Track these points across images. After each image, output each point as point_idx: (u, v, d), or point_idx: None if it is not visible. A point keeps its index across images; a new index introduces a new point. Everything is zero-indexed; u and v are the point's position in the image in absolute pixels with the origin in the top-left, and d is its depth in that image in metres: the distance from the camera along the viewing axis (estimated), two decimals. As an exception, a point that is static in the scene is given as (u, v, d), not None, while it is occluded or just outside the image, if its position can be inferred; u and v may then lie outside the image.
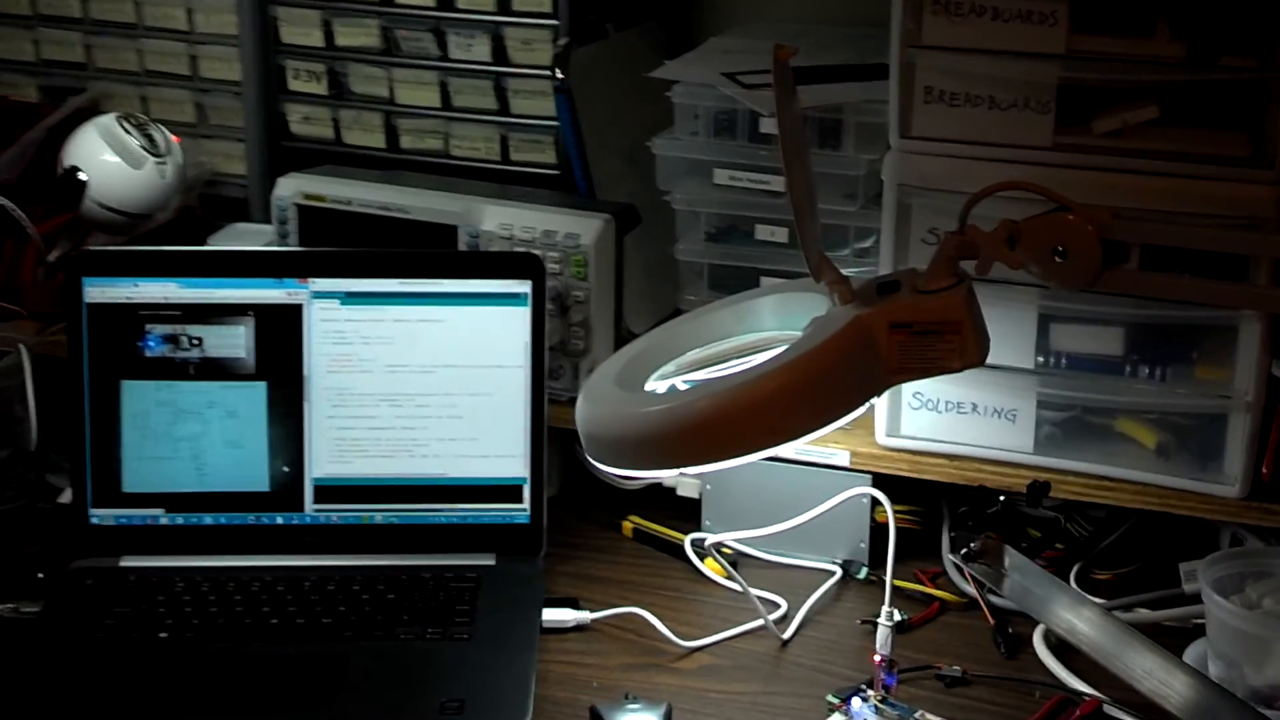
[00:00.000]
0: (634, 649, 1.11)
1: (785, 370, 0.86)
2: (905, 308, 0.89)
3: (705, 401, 0.85)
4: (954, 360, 0.89)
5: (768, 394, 0.85)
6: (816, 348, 0.86)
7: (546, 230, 1.15)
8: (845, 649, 1.12)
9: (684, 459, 0.87)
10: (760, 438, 0.87)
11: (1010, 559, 0.82)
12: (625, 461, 0.90)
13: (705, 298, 1.24)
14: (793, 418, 0.87)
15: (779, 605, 1.18)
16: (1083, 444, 1.11)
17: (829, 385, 0.87)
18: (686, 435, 0.86)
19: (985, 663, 1.10)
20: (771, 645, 1.13)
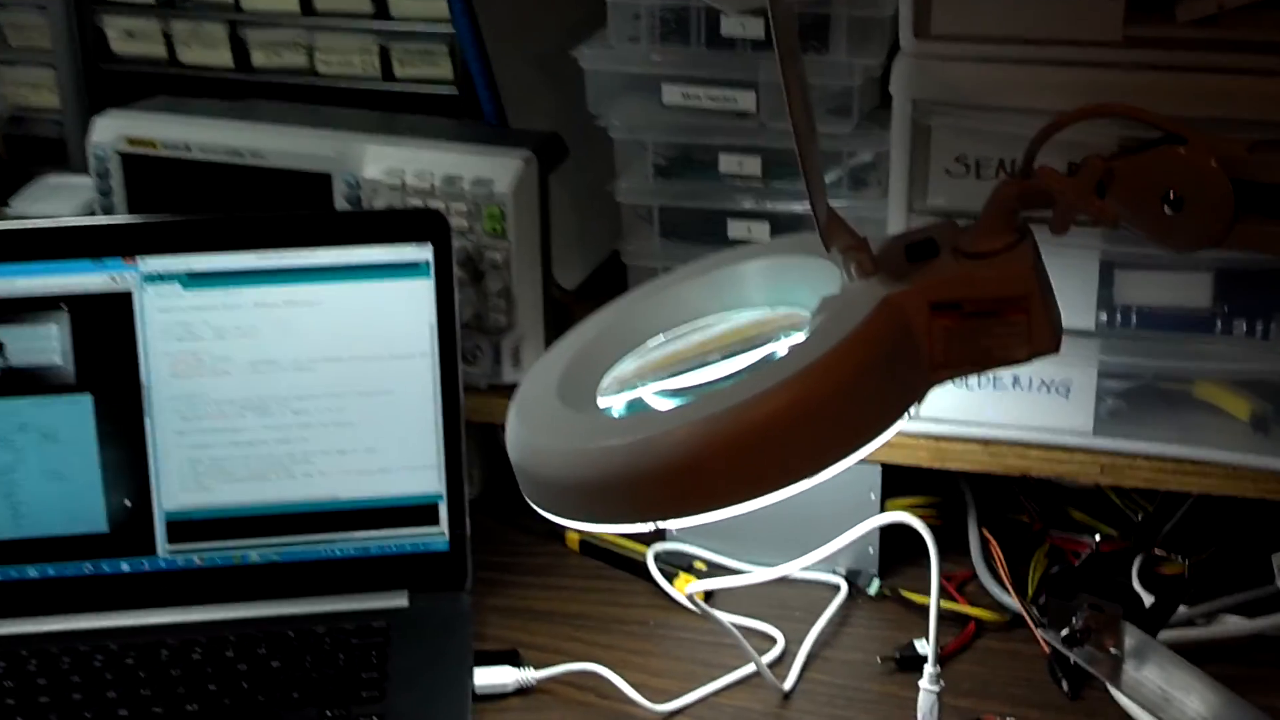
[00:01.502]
0: (595, 717, 0.91)
1: (798, 382, 0.64)
2: (951, 281, 0.68)
3: (689, 431, 0.63)
4: (1019, 348, 0.68)
5: (776, 417, 0.64)
6: (837, 347, 0.64)
7: (448, 175, 0.95)
8: (864, 698, 0.93)
9: (662, 510, 0.66)
10: (767, 478, 0.66)
11: (1131, 639, 0.61)
12: (579, 512, 0.68)
13: (656, 250, 1.01)
14: (810, 447, 0.66)
15: (774, 640, 0.97)
16: (1156, 419, 0.93)
17: (857, 398, 0.65)
18: (667, 480, 0.64)
19: (1045, 707, 0.92)
20: (770, 698, 0.93)
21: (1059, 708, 0.94)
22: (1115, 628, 0.65)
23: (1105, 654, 0.66)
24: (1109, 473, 0.98)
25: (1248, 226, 0.66)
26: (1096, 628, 0.66)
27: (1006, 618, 1.03)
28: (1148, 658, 0.64)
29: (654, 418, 0.71)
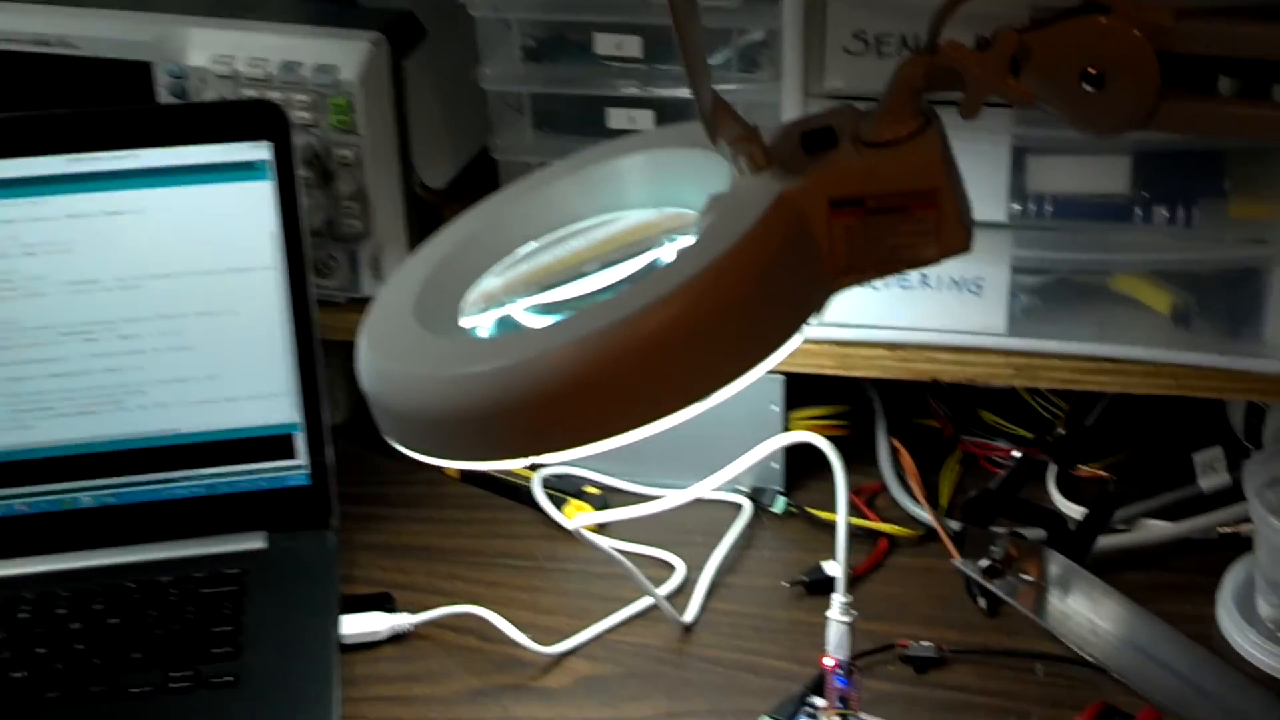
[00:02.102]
0: (479, 663, 0.88)
1: (686, 292, 0.60)
2: (851, 174, 0.64)
3: (567, 352, 0.59)
4: (928, 248, 0.65)
5: (664, 333, 0.60)
6: (729, 251, 0.60)
7: (286, 62, 0.91)
8: (771, 626, 0.91)
9: (541, 443, 0.62)
10: (657, 401, 0.61)
11: (1055, 567, 0.58)
12: (445, 448, 0.64)
13: (529, 143, 0.96)
14: (703, 365, 0.62)
15: (673, 568, 0.94)
16: (1072, 316, 0.91)
17: (752, 308, 0.62)
18: (543, 409, 0.60)
19: (962, 626, 0.90)
20: (670, 632, 0.90)
21: (977, 627, 0.92)
22: (1038, 556, 0.62)
23: (1028, 584, 0.63)
24: (1024, 374, 0.95)
25: (1175, 105, 0.62)
26: (1018, 556, 0.63)
27: (919, 532, 1.00)
28: (1072, 586, 0.62)
29: (526, 338, 0.66)
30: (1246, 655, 0.88)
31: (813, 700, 0.82)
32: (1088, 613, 0.60)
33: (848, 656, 0.79)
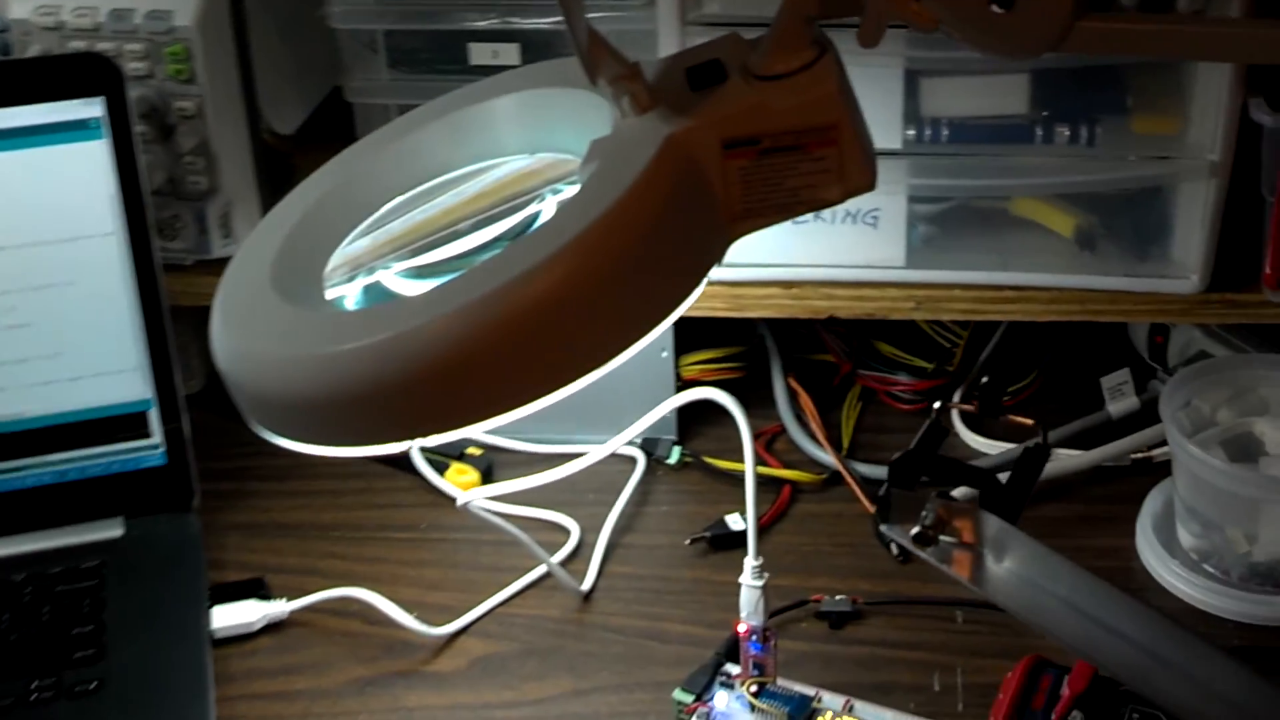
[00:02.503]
0: (365, 649, 0.83)
1: (574, 250, 0.56)
2: (743, 112, 0.60)
3: (446, 322, 0.55)
4: (830, 187, 0.62)
5: (552, 296, 0.56)
6: (617, 203, 0.56)
7: (116, 9, 0.86)
8: (676, 589, 0.88)
9: (423, 424, 0.58)
10: (548, 372, 0.58)
11: (990, 528, 0.55)
12: (315, 433, 0.60)
13: (385, 83, 0.90)
14: (597, 329, 0.58)
15: (567, 532, 0.90)
16: (973, 244, 0.89)
17: (646, 264, 0.58)
18: (424, 387, 0.56)
19: (875, 575, 0.88)
20: (569, 602, 0.86)
21: (890, 574, 0.90)
22: (970, 519, 0.59)
23: (962, 549, 0.60)
24: (925, 306, 0.93)
25: (1091, 25, 0.59)
26: (949, 519, 0.60)
27: (823, 476, 0.98)
28: (1010, 549, 0.59)
29: (400, 308, 0.61)
30: (1169, 586, 0.87)
31: (727, 669, 0.79)
32: (1031, 578, 0.58)
33: (762, 622, 0.75)
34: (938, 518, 0.58)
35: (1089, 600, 0.56)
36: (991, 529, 0.58)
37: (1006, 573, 0.57)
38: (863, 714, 0.77)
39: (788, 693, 0.78)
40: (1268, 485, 0.84)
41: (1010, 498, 0.60)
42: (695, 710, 0.78)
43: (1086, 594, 0.56)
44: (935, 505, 0.58)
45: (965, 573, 0.59)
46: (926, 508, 0.59)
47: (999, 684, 0.80)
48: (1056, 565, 0.56)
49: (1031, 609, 0.57)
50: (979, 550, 0.58)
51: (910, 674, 0.82)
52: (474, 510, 0.83)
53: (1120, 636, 0.55)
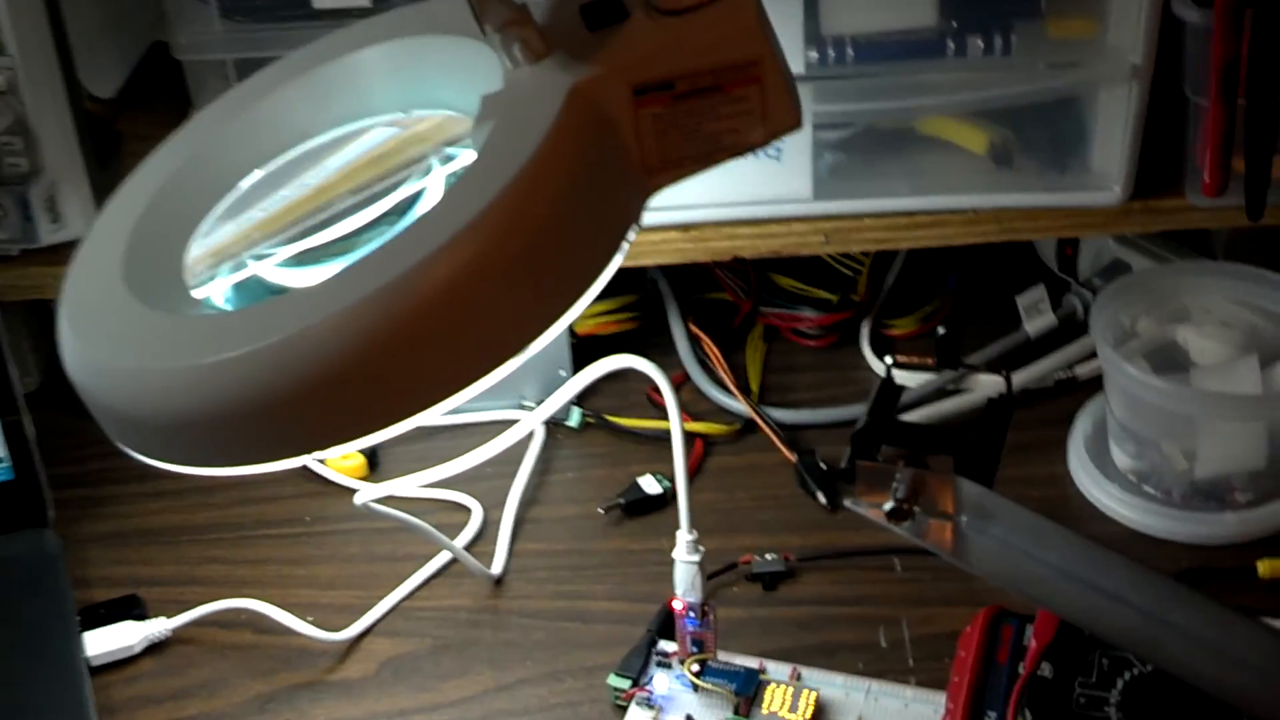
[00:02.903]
0: (260, 662, 0.78)
1: (481, 226, 0.50)
2: (653, 53, 0.55)
3: (341, 324, 0.49)
4: (753, 129, 0.57)
5: (460, 283, 0.51)
6: (524, 169, 0.50)
7: None
8: (593, 563, 0.83)
9: (321, 437, 0.52)
10: (460, 368, 0.53)
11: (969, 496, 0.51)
12: (196, 455, 0.54)
13: (218, 36, 0.82)
14: (513, 315, 0.53)
15: (467, 511, 0.84)
16: (882, 169, 0.85)
17: (562, 235, 0.52)
18: (319, 398, 0.50)
19: (803, 528, 0.84)
20: (479, 589, 0.81)
21: (819, 525, 0.86)
22: (947, 486, 0.54)
23: (940, 519, 0.55)
24: (835, 240, 0.88)
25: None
26: (923, 489, 0.56)
27: (736, 425, 0.93)
28: (993, 515, 0.54)
29: (286, 306, 0.54)
30: (1109, 512, 0.84)
31: (662, 647, 0.74)
32: (1020, 546, 0.53)
33: (700, 597, 0.70)
34: (911, 488, 0.53)
35: (1086, 567, 0.51)
36: (971, 496, 0.53)
37: (993, 542, 0.53)
38: (812, 681, 0.73)
39: (731, 667, 0.73)
40: (1205, 399, 0.81)
41: (983, 459, 0.55)
42: (633, 696, 0.73)
43: (1082, 560, 0.51)
44: (907, 475, 0.53)
45: (946, 546, 0.54)
46: (897, 478, 0.54)
47: (948, 635, 0.76)
48: (1048, 531, 0.52)
49: (1024, 580, 0.52)
50: (960, 520, 0.53)
51: (854, 631, 0.78)
52: (375, 509, 0.76)
53: (1124, 604, 0.51)
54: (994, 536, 0.53)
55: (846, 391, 0.96)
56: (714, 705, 0.72)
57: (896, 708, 0.72)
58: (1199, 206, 0.85)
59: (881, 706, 0.72)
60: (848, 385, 0.96)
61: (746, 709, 0.72)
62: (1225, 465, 0.81)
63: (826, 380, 0.97)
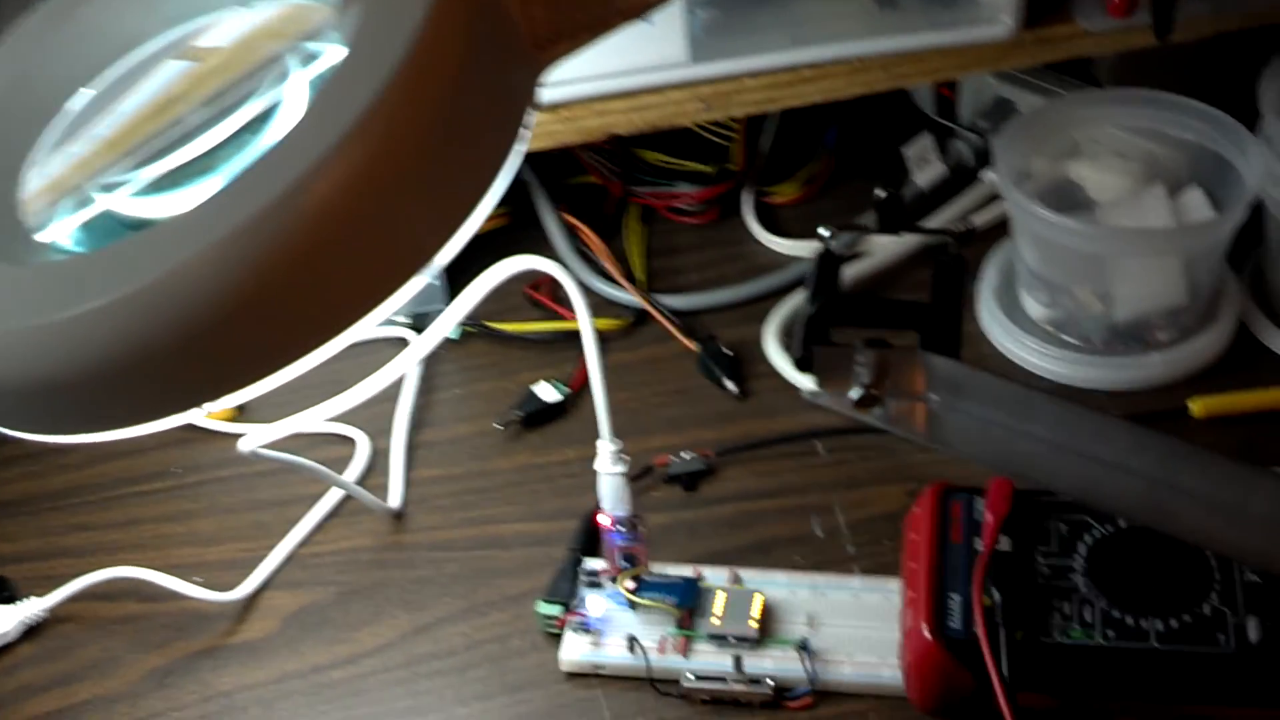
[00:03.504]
0: (152, 634, 0.73)
1: (365, 135, 0.44)
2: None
3: (221, 256, 0.43)
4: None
5: (351, 197, 0.45)
6: (402, 65, 0.45)
7: None
8: (498, 484, 0.79)
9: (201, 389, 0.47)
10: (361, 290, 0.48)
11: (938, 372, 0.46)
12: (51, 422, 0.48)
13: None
14: (411, 226, 0.48)
15: (353, 443, 0.78)
16: (760, 24, 0.81)
17: (455, 131, 0.46)
18: (202, 344, 0.44)
19: (714, 420, 0.80)
20: (379, 526, 0.75)
21: (731, 415, 0.82)
22: (915, 364, 0.50)
23: (909, 401, 0.51)
24: (715, 105, 0.83)
25: None
26: (888, 370, 0.51)
27: (627, 319, 0.88)
28: (968, 390, 0.50)
29: (147, 244, 0.47)
30: (1029, 366, 0.81)
31: (589, 566, 0.69)
32: (1001, 420, 0.49)
33: (629, 510, 0.65)
34: (876, 371, 0.48)
35: (1078, 435, 0.47)
36: (942, 372, 0.48)
37: (971, 420, 0.48)
38: (753, 582, 0.69)
39: (667, 580, 0.69)
40: (1117, 237, 0.78)
41: (945, 329, 0.50)
42: (567, 622, 0.68)
43: (1073, 428, 0.48)
44: (870, 357, 0.48)
45: (920, 429, 0.50)
46: (859, 362, 0.49)
47: (885, 516, 0.73)
48: (1031, 401, 0.48)
49: (1010, 457, 0.48)
50: (931, 399, 0.49)
51: (786, 524, 0.74)
52: (263, 454, 0.69)
53: (1125, 471, 0.47)
54: (971, 413, 0.49)
55: (736, 269, 0.91)
56: (655, 621, 0.68)
57: (846, 600, 0.68)
58: (1093, 32, 0.81)
59: (831, 601, 0.68)
60: (737, 262, 0.91)
61: (689, 621, 0.68)
62: (1144, 305, 0.78)
63: (714, 259, 0.92)
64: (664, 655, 0.67)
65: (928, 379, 0.50)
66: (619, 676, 0.68)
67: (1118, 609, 0.59)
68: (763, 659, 0.67)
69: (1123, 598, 0.59)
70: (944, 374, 0.49)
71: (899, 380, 0.50)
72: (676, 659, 0.67)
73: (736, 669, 0.66)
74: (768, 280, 0.89)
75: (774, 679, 0.66)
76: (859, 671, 0.66)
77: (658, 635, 0.68)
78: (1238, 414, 0.76)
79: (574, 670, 0.69)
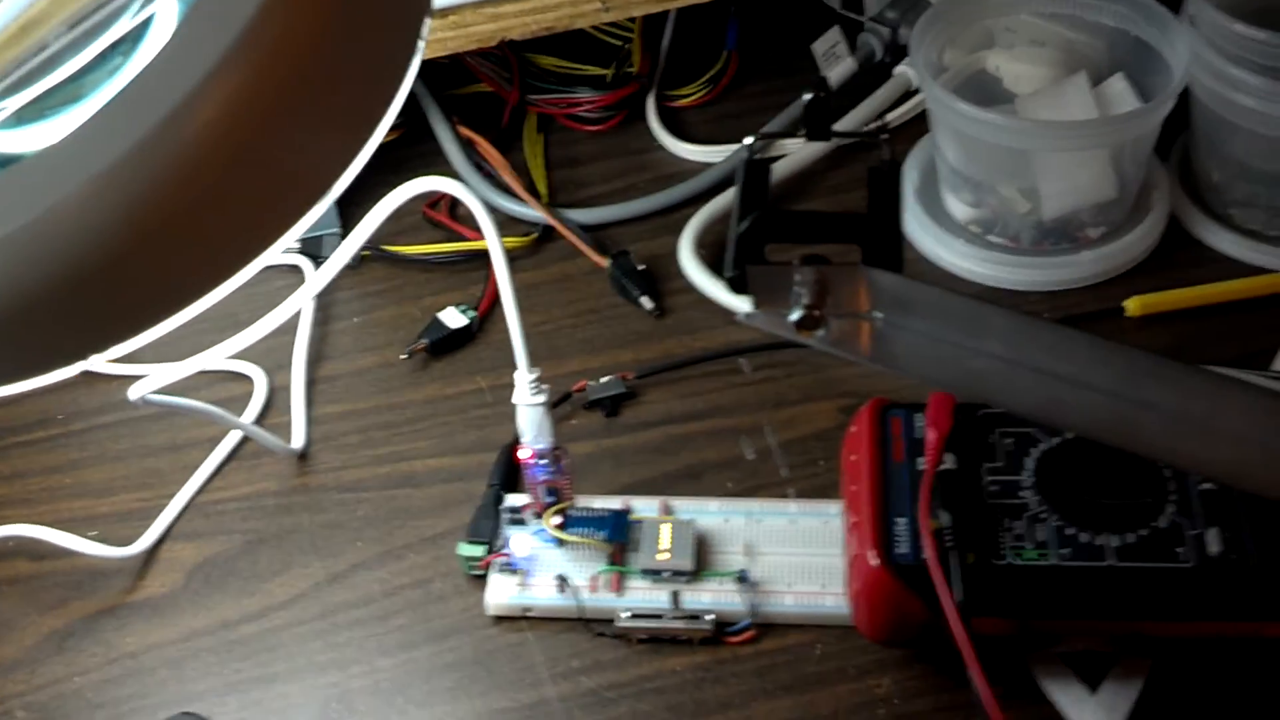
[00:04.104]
0: (44, 595, 0.70)
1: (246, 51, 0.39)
2: None
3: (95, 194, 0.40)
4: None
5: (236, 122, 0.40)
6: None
7: None
8: (406, 416, 0.75)
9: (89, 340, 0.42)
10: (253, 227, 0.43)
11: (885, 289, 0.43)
12: None
13: None
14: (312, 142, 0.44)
15: (248, 380, 0.74)
16: None
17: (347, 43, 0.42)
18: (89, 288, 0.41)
19: (633, 340, 0.77)
20: (284, 470, 0.72)
21: (650, 334, 0.78)
22: (858, 281, 0.47)
23: (853, 321, 0.48)
24: (613, 4, 0.79)
25: None
26: (829, 288, 0.47)
27: (532, 235, 0.84)
28: (916, 307, 0.46)
29: (19, 181, 0.42)
30: (957, 270, 0.79)
31: (511, 502, 0.65)
32: (952, 337, 0.46)
33: (551, 442, 0.62)
34: (815, 290, 0.45)
35: (1035, 350, 0.44)
36: (887, 288, 0.45)
37: (920, 338, 0.45)
38: (685, 511, 0.66)
39: (594, 514, 0.65)
40: (1040, 131, 0.75)
41: (886, 241, 0.47)
42: (491, 563, 0.64)
43: (1029, 343, 0.44)
44: (809, 275, 0.45)
45: (865, 350, 0.46)
46: (797, 280, 0.45)
47: (816, 435, 0.71)
48: (982, 315, 0.45)
49: (963, 376, 0.45)
50: (876, 318, 0.45)
51: (715, 448, 0.71)
52: (154, 400, 0.64)
53: (1088, 388, 0.44)
54: (920, 331, 0.45)
55: (644, 179, 0.87)
56: (585, 559, 0.65)
57: (783, 526, 0.65)
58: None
59: (767, 528, 0.65)
60: (644, 171, 0.87)
61: (621, 556, 0.64)
62: (1072, 201, 0.76)
63: (619, 168, 0.88)
64: (596, 594, 0.64)
65: (872, 296, 0.46)
66: (549, 618, 0.65)
67: (1071, 525, 0.57)
68: (700, 593, 0.64)
69: (1076, 514, 0.57)
70: (889, 290, 0.45)
71: (841, 298, 0.46)
72: (610, 597, 0.64)
73: (674, 605, 0.63)
74: (678, 189, 0.85)
75: (713, 613, 0.63)
76: (801, 602, 0.63)
77: (588, 573, 0.65)
78: (1174, 310, 0.74)
79: (501, 613, 0.65)
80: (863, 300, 0.47)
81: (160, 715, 0.64)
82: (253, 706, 0.64)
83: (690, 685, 0.62)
